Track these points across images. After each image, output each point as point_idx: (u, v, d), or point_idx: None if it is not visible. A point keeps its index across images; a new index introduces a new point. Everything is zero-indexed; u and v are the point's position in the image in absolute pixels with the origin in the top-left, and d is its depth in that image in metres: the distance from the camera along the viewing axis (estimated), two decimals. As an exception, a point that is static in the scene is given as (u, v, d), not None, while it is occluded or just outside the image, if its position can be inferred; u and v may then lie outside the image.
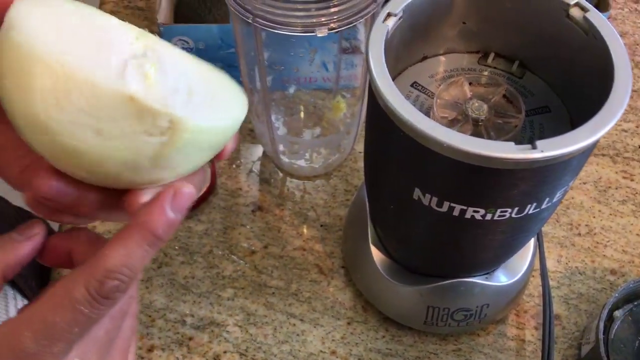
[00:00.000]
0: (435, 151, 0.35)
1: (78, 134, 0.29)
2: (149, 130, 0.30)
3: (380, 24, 0.39)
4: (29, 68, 0.28)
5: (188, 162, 0.32)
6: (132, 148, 0.30)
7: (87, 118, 0.29)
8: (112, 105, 0.29)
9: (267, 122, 0.57)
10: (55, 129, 0.29)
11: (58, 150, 0.29)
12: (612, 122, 0.35)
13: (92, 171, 0.31)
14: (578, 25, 0.40)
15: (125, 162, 0.30)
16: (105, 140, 0.29)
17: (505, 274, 0.52)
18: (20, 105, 0.29)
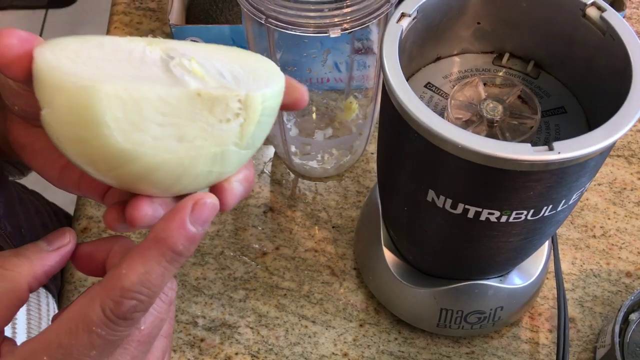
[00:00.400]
0: (449, 152, 0.35)
1: (165, 147, 0.29)
2: (225, 117, 0.30)
3: (394, 25, 0.39)
4: (94, 105, 0.28)
5: (263, 133, 0.33)
6: (216, 140, 0.30)
7: (167, 129, 0.29)
8: (184, 107, 0.30)
9: (279, 123, 0.57)
10: (141, 152, 0.29)
11: (144, 173, 0.29)
12: (631, 123, 0.34)
13: (180, 182, 0.30)
14: (595, 26, 0.40)
15: (214, 157, 0.30)
16: (190, 142, 0.30)
17: (520, 276, 0.51)
18: (95, 143, 0.28)
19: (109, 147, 0.28)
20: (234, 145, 0.31)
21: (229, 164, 0.32)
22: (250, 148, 0.32)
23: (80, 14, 2.01)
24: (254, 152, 0.33)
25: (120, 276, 0.28)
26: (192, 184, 0.31)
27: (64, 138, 0.29)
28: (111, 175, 0.30)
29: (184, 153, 0.30)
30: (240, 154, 0.32)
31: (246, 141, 0.31)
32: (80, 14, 2.01)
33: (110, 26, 0.76)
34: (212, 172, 0.31)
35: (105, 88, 0.28)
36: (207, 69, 0.32)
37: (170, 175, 0.30)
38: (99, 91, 0.28)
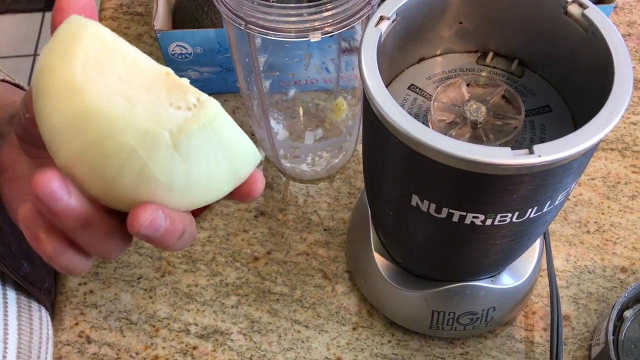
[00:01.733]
0: (430, 158, 0.34)
1: (109, 96, 0.29)
2: (177, 103, 0.31)
3: (373, 28, 0.39)
4: (80, 34, 0.30)
5: (205, 159, 0.31)
6: (156, 117, 0.30)
7: (122, 84, 0.30)
8: (148, 76, 0.31)
9: (266, 128, 0.56)
10: (87, 90, 0.29)
11: (81, 115, 0.29)
12: (613, 123, 0.34)
13: (103, 144, 0.29)
14: (577, 23, 0.39)
15: (145, 132, 0.29)
16: (133, 105, 0.30)
17: (512, 276, 0.51)
18: (58, 69, 0.30)
19: (66, 74, 0.29)
20: (169, 134, 0.30)
21: (156, 159, 0.30)
22: (183, 155, 0.30)
23: (77, 16, 2.00)
24: (189, 179, 0.31)
25: None
26: (115, 159, 0.29)
27: (41, 65, 0.30)
28: (56, 109, 0.30)
29: (121, 111, 0.29)
30: (172, 156, 0.30)
31: (182, 138, 0.30)
32: (77, 16, 2.00)
33: (98, 32, 0.75)
34: (135, 154, 0.29)
35: (96, 27, 0.30)
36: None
37: (98, 128, 0.29)
38: (90, 26, 0.30)
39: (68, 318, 0.55)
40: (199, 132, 0.30)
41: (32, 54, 1.91)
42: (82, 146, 0.29)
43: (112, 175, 0.30)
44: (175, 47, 0.63)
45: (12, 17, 2.01)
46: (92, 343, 0.54)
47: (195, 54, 0.63)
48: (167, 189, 0.31)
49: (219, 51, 0.64)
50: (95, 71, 0.30)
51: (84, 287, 0.57)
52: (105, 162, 0.30)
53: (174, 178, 0.30)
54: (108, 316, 0.55)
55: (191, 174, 0.31)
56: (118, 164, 0.30)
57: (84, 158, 0.30)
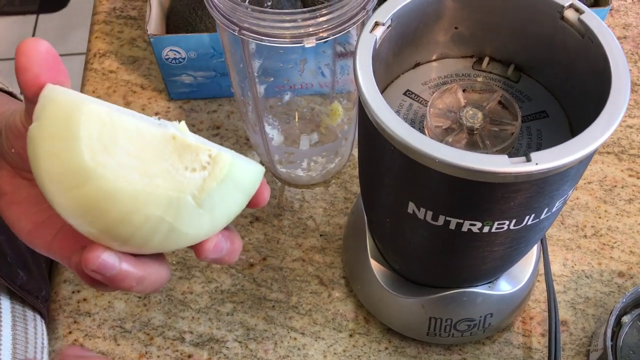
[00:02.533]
0: (426, 166, 0.34)
1: (125, 176, 0.30)
2: (191, 166, 0.32)
3: (368, 34, 0.38)
4: (75, 117, 0.29)
5: (226, 204, 0.33)
6: (176, 185, 0.31)
7: (133, 160, 0.30)
8: (156, 145, 0.31)
9: (261, 133, 0.56)
10: (101, 174, 0.30)
11: (101, 199, 0.30)
12: (610, 130, 0.34)
13: (131, 220, 0.31)
14: (573, 28, 0.39)
15: (169, 201, 0.31)
16: (151, 179, 0.30)
17: (509, 282, 0.50)
18: (63, 156, 0.30)
19: (74, 161, 0.29)
20: (192, 197, 0.31)
21: (183, 220, 0.32)
22: (207, 209, 0.32)
23: (71, 18, 2.00)
24: (214, 222, 0.33)
25: None
26: (144, 229, 0.31)
27: (40, 152, 0.30)
28: (70, 196, 0.30)
29: (141, 187, 0.30)
30: (197, 213, 0.32)
31: (204, 197, 0.32)
32: (71, 19, 1.99)
33: (91, 36, 0.75)
34: (163, 221, 0.31)
35: (91, 106, 0.30)
36: (195, 137, 0.33)
37: (122, 207, 0.30)
38: (83, 107, 0.30)
39: (61, 326, 0.55)
40: (218, 188, 0.32)
41: (26, 57, 1.90)
42: (106, 225, 0.31)
43: (142, 241, 0.32)
44: (169, 52, 0.62)
45: (6, 19, 2.00)
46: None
47: (189, 58, 0.63)
48: (194, 237, 0.33)
49: (213, 56, 0.63)
50: (103, 153, 0.30)
51: (78, 295, 0.56)
52: (134, 233, 0.31)
53: (200, 228, 0.33)
54: (102, 324, 0.55)
55: (215, 219, 0.33)
56: (146, 232, 0.31)
57: (110, 233, 0.31)
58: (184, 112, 0.68)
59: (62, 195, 0.30)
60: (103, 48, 0.73)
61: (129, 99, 0.69)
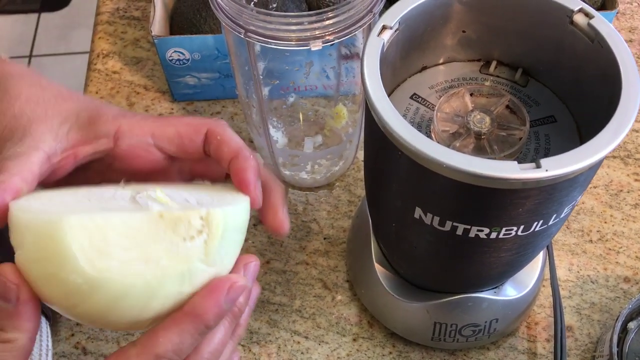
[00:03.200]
0: (434, 171, 0.34)
1: (132, 270, 0.30)
2: (188, 235, 0.32)
3: (375, 38, 0.38)
4: (60, 237, 0.29)
5: (231, 250, 0.34)
6: (182, 258, 0.31)
7: (133, 252, 0.30)
8: (148, 229, 0.31)
9: (265, 135, 0.56)
10: (107, 278, 0.30)
11: (113, 300, 0.30)
12: (621, 136, 0.33)
13: (150, 306, 0.31)
14: (583, 32, 0.38)
15: (182, 275, 0.31)
16: (157, 262, 0.31)
17: (514, 287, 0.50)
18: (62, 276, 0.29)
19: (76, 277, 0.29)
20: (200, 262, 0.32)
21: (198, 283, 0.32)
22: (217, 265, 0.33)
23: (73, 17, 1.99)
24: (225, 268, 0.34)
25: (157, 343, 0.31)
26: (165, 306, 0.32)
27: (35, 277, 0.30)
28: (81, 310, 0.31)
29: (151, 274, 0.30)
30: (209, 272, 0.32)
31: (212, 257, 0.32)
32: (74, 17, 1.99)
33: (95, 36, 0.74)
34: (182, 293, 0.32)
35: (69, 219, 0.29)
36: (173, 197, 0.34)
37: (140, 300, 0.31)
38: (63, 222, 0.29)
39: (64, 329, 0.54)
40: (220, 244, 0.32)
41: (28, 55, 1.90)
42: (130, 320, 0.31)
43: (164, 315, 0.32)
44: (173, 53, 0.62)
45: (8, 17, 2.00)
46: (89, 354, 0.53)
47: (193, 59, 0.63)
48: None
49: (217, 57, 0.63)
50: (101, 259, 0.30)
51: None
52: (158, 313, 0.32)
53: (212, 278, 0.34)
54: (104, 327, 0.55)
55: (225, 266, 0.34)
56: (168, 308, 0.32)
57: (136, 325, 0.32)
58: (187, 113, 0.68)
59: (76, 309, 0.31)
60: (106, 48, 0.73)
61: (132, 100, 0.69)
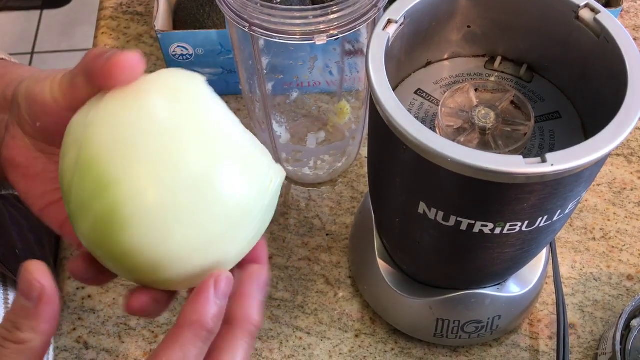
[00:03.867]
0: (439, 165, 0.34)
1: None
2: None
3: (380, 32, 0.38)
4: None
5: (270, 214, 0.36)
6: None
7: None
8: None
9: (268, 131, 0.56)
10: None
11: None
12: (627, 131, 0.33)
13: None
14: (588, 28, 0.38)
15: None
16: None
17: (517, 284, 0.50)
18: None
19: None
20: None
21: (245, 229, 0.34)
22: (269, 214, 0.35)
23: (75, 14, 1.99)
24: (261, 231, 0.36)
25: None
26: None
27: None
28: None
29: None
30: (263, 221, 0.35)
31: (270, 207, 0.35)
32: (76, 14, 1.99)
33: (98, 32, 0.74)
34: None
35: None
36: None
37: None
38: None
39: (66, 323, 0.54)
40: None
41: (30, 52, 1.90)
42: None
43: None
44: (176, 48, 0.62)
45: (10, 14, 2.00)
46: (90, 349, 0.53)
47: (197, 55, 0.62)
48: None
49: (220, 52, 0.63)
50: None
51: (82, 291, 0.56)
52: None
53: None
54: (106, 321, 0.55)
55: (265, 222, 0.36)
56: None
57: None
58: (190, 108, 0.67)
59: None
60: (109, 44, 0.73)
61: (135, 95, 0.68)
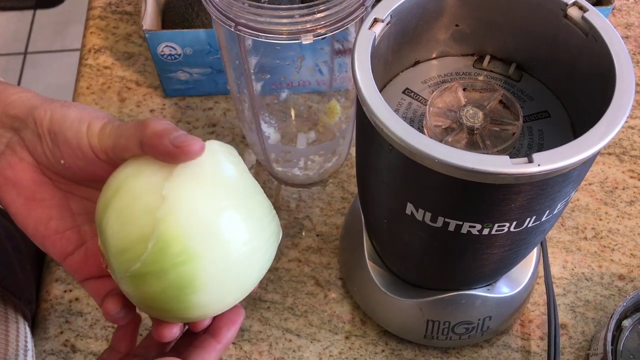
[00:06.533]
0: (426, 166, 0.33)
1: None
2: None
3: (367, 31, 0.37)
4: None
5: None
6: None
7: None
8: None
9: (257, 131, 0.55)
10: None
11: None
12: (615, 131, 0.33)
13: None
14: (577, 26, 0.38)
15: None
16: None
17: (508, 285, 0.50)
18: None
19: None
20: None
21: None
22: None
23: (68, 14, 1.98)
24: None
25: None
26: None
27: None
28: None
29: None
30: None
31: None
32: (69, 14, 1.98)
33: (86, 31, 0.74)
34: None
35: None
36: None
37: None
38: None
39: (53, 326, 0.54)
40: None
41: (23, 52, 1.89)
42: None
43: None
44: (165, 48, 0.61)
45: (2, 14, 1.99)
46: (78, 352, 0.53)
47: (185, 54, 0.62)
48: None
49: (209, 52, 0.62)
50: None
51: (70, 294, 0.55)
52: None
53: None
54: (94, 324, 0.54)
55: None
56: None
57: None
58: (179, 109, 0.67)
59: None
60: (98, 44, 0.72)
61: (124, 96, 0.68)
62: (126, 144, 0.34)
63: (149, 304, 0.34)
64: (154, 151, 0.33)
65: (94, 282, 0.38)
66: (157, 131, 0.33)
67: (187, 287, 0.32)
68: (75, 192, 0.39)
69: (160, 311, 0.34)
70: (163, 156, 0.33)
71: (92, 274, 0.38)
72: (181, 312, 0.34)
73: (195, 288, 0.32)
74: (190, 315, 0.34)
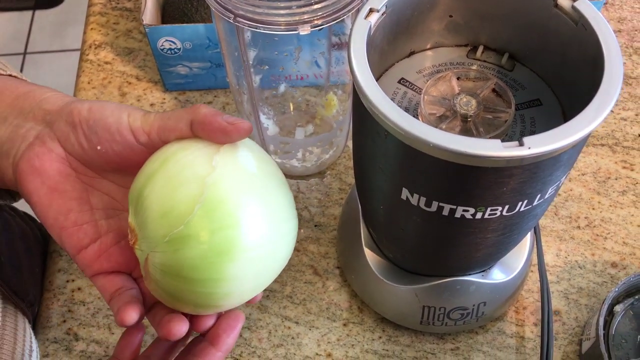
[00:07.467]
0: (420, 151, 0.34)
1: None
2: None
3: (362, 21, 0.38)
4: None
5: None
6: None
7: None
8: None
9: (256, 123, 0.56)
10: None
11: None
12: (602, 115, 0.34)
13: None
14: (567, 15, 0.39)
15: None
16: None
17: (502, 271, 0.51)
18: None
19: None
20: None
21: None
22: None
23: (67, 14, 1.99)
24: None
25: None
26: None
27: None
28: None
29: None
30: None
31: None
32: (68, 14, 1.99)
33: (87, 27, 0.75)
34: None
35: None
36: None
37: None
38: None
39: (55, 315, 0.55)
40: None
41: (22, 52, 1.90)
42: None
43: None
44: (165, 42, 0.62)
45: (2, 15, 2.00)
46: (80, 341, 0.54)
47: (185, 49, 0.63)
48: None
49: (208, 46, 0.63)
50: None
51: (72, 284, 0.56)
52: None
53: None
54: (96, 313, 0.55)
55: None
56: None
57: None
58: (179, 103, 0.68)
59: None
60: (98, 39, 0.73)
61: (124, 90, 0.69)
62: (175, 125, 0.37)
63: (182, 273, 0.34)
64: (208, 128, 0.35)
65: (104, 277, 0.39)
66: (211, 111, 0.36)
67: (226, 253, 0.33)
68: (97, 186, 0.40)
69: (190, 283, 0.34)
70: (216, 133, 0.35)
71: (104, 269, 0.39)
72: (211, 285, 0.34)
73: (233, 256, 0.34)
74: (218, 291, 0.35)
